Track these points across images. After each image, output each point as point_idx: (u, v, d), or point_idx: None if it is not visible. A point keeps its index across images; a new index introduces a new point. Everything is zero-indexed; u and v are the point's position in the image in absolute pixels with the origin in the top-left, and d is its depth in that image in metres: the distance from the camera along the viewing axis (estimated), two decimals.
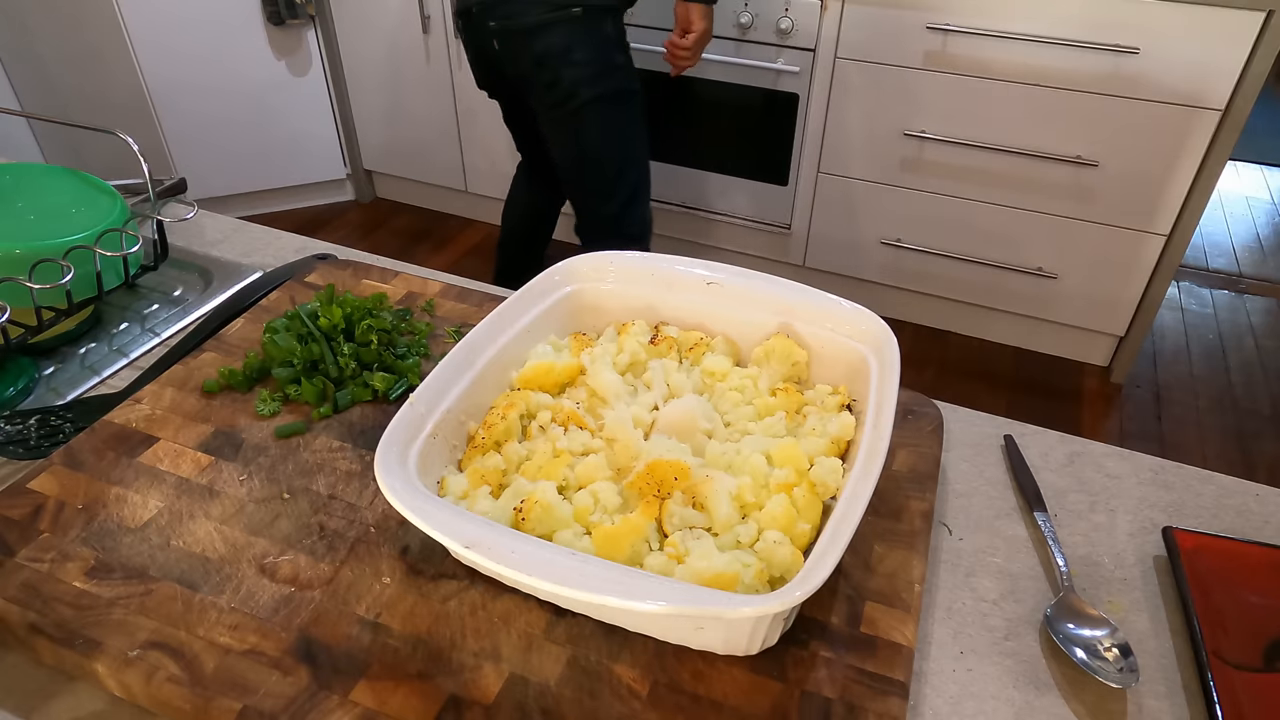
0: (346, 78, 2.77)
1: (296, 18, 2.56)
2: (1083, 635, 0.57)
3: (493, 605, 0.56)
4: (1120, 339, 2.33)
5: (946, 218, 2.20)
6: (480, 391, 0.64)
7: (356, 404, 0.72)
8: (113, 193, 0.85)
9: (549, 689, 0.51)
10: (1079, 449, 0.74)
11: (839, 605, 0.56)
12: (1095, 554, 0.65)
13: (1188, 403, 2.31)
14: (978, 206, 2.15)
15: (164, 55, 2.47)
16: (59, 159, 2.62)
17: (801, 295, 0.69)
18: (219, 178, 2.72)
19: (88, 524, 0.60)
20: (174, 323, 0.86)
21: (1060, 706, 0.55)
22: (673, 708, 0.51)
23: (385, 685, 0.51)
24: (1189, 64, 1.86)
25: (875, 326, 0.65)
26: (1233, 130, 1.91)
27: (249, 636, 0.53)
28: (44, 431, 0.70)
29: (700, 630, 0.52)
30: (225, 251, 0.97)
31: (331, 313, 0.75)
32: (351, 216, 3.00)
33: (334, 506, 0.62)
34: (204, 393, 0.72)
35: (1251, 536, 0.66)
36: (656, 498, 0.56)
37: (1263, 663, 0.57)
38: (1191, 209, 2.04)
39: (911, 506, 0.64)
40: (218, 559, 0.58)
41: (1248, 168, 3.54)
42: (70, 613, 0.54)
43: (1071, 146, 2.03)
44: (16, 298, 0.71)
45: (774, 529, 0.55)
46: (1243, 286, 2.81)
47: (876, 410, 0.58)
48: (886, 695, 0.51)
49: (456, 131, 2.72)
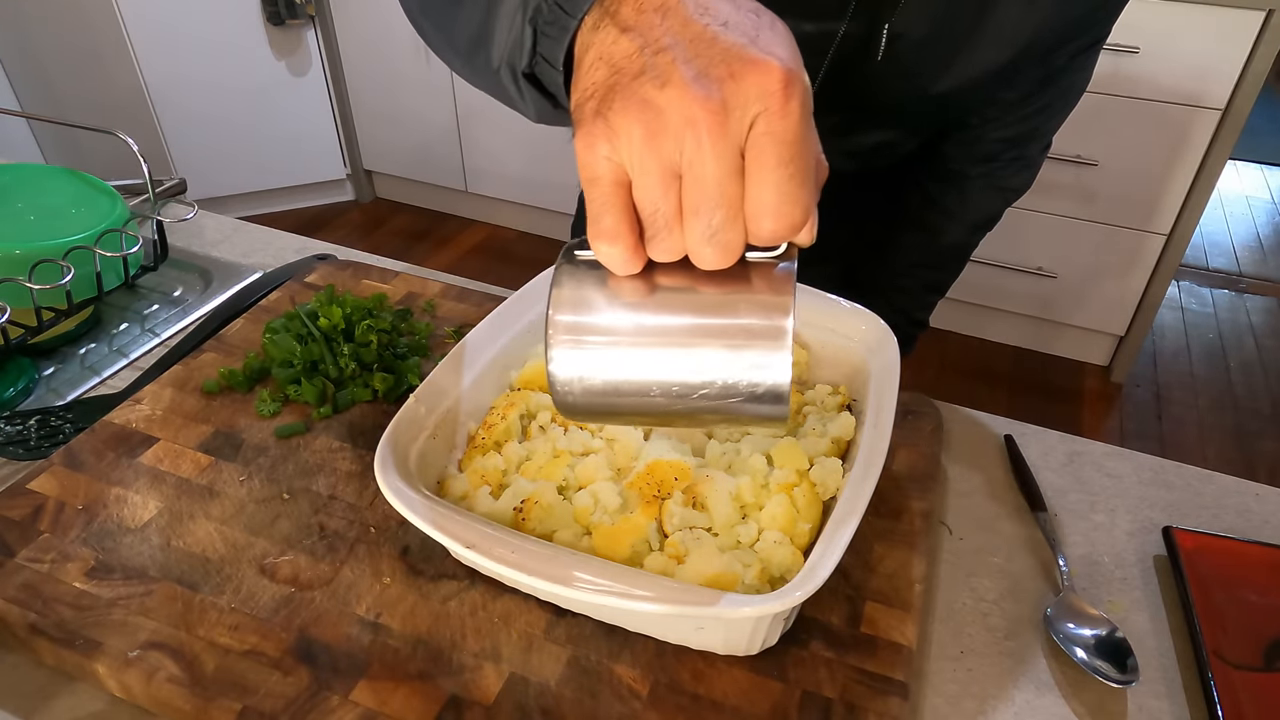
0: (346, 78, 2.77)
1: (296, 18, 2.56)
2: (1083, 635, 0.57)
3: (493, 605, 0.56)
4: (1120, 339, 2.33)
5: None
6: (480, 391, 0.64)
7: (356, 404, 0.72)
8: (113, 193, 0.85)
9: (549, 689, 0.51)
10: (1079, 449, 0.74)
11: (839, 605, 0.56)
12: (1095, 554, 0.65)
13: (1188, 402, 2.31)
14: None
15: (164, 55, 2.47)
16: (59, 159, 2.62)
17: (801, 295, 0.69)
18: (219, 178, 2.72)
19: (88, 524, 0.60)
20: (174, 323, 0.85)
21: (1060, 706, 0.55)
22: (673, 708, 0.51)
23: (385, 685, 0.51)
24: (1189, 64, 1.86)
25: (875, 326, 0.65)
26: (1233, 130, 1.91)
27: (249, 637, 0.53)
28: (44, 432, 0.70)
29: (700, 630, 0.52)
30: (225, 252, 0.97)
31: (331, 313, 0.75)
32: (351, 216, 3.00)
33: (334, 506, 0.62)
34: (204, 393, 0.72)
35: (1251, 536, 0.66)
36: (656, 498, 0.56)
37: (1263, 663, 0.57)
38: (1191, 208, 2.04)
39: (911, 506, 0.64)
40: (218, 559, 0.58)
41: (1248, 167, 3.55)
42: (70, 613, 0.54)
43: (1071, 146, 2.03)
44: (16, 298, 0.71)
45: (774, 529, 0.55)
46: (1243, 286, 2.81)
47: (876, 410, 0.58)
48: (886, 695, 0.51)
49: (456, 131, 2.72)
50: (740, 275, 0.38)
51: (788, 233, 0.36)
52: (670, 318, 0.38)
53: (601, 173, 0.35)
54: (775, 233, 0.35)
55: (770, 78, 0.33)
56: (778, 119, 0.34)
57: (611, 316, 0.39)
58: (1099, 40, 0.80)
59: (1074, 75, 0.82)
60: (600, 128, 0.35)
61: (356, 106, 2.83)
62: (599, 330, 0.39)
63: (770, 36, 0.35)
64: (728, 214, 0.35)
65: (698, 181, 0.34)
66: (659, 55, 0.34)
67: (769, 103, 0.33)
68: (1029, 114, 0.84)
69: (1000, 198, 0.94)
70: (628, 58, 0.35)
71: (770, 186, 0.34)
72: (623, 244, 0.36)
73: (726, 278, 0.38)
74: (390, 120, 2.81)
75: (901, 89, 0.77)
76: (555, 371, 0.40)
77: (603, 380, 0.40)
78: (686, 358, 0.38)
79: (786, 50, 0.35)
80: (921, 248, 0.98)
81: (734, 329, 0.38)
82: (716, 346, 0.38)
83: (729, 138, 0.34)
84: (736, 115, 0.34)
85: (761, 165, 0.34)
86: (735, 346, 0.38)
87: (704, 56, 0.34)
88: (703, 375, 0.38)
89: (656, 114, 0.34)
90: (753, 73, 0.33)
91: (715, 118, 0.33)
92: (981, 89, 0.79)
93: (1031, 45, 0.74)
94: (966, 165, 0.89)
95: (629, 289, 0.39)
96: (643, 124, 0.34)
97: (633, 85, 0.34)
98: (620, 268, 0.38)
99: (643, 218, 0.36)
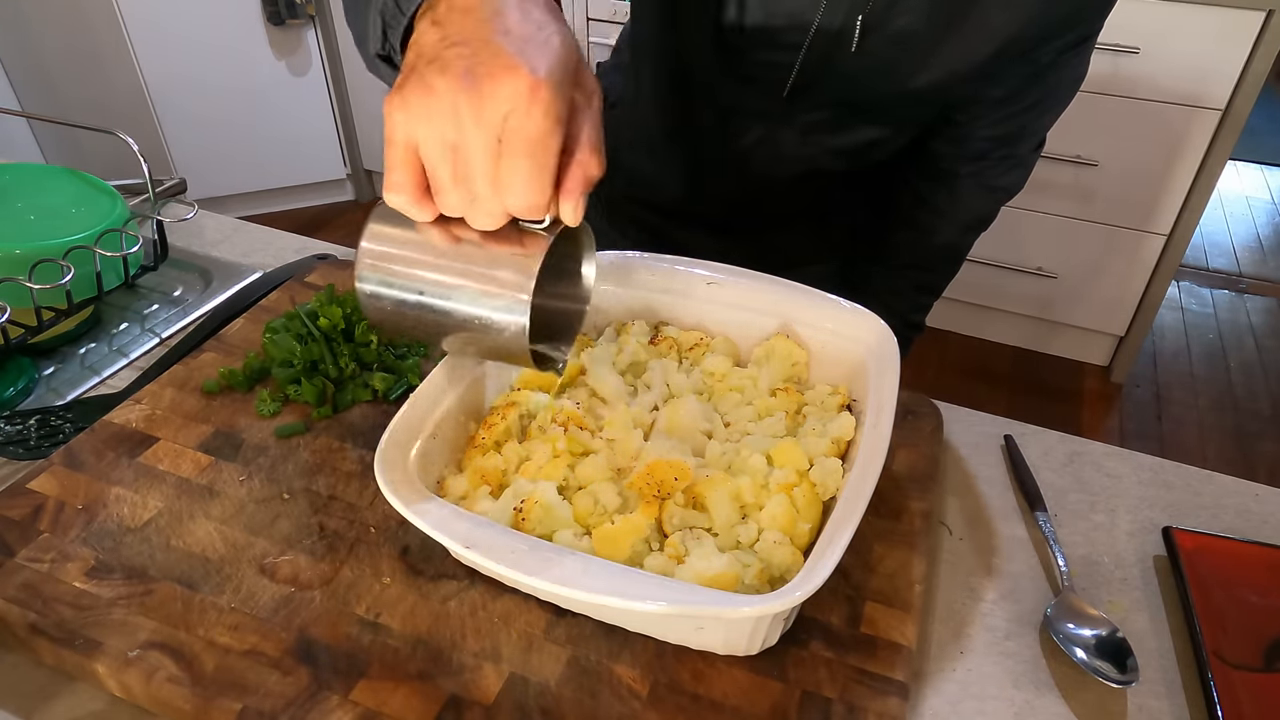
0: (346, 78, 2.77)
1: (296, 18, 2.56)
2: (1083, 635, 0.57)
3: (493, 605, 0.56)
4: (1120, 339, 2.33)
5: None
6: (480, 391, 0.64)
7: (356, 404, 0.72)
8: (113, 193, 0.85)
9: (549, 689, 0.51)
10: (1079, 449, 0.74)
11: (839, 605, 0.56)
12: (1095, 554, 0.65)
13: (1188, 403, 2.31)
14: None
15: (164, 55, 2.47)
16: (59, 159, 2.62)
17: (801, 295, 0.69)
18: (219, 178, 2.72)
19: (88, 524, 0.60)
20: (174, 323, 0.85)
21: (1060, 706, 0.55)
22: (673, 708, 0.51)
23: (385, 685, 0.51)
24: (1189, 64, 1.86)
25: (875, 326, 0.65)
26: (1233, 130, 1.91)
27: (249, 636, 0.53)
28: (44, 431, 0.70)
29: (700, 630, 0.52)
30: (225, 251, 0.97)
31: (331, 313, 0.75)
32: (351, 216, 3.00)
33: (334, 506, 0.62)
34: (204, 393, 0.72)
35: (1251, 536, 0.66)
36: (656, 498, 0.56)
37: (1263, 663, 0.57)
38: (1191, 209, 2.04)
39: (911, 506, 0.64)
40: (218, 559, 0.58)
41: (1248, 168, 3.55)
42: (70, 613, 0.54)
43: (1071, 146, 2.03)
44: (16, 298, 0.71)
45: (774, 529, 0.55)
46: (1243, 286, 2.81)
47: (876, 410, 0.58)
48: (886, 695, 0.51)
49: None
50: (512, 237, 0.47)
51: (531, 210, 0.44)
52: (449, 261, 0.48)
53: (396, 137, 0.43)
54: (519, 208, 0.44)
55: (520, 83, 0.41)
56: (523, 117, 0.41)
57: (405, 251, 0.49)
58: (1088, 37, 0.80)
59: (1061, 72, 0.82)
60: (397, 100, 0.42)
61: (356, 106, 2.83)
62: (394, 259, 0.49)
63: (536, 48, 0.42)
64: (486, 186, 0.43)
65: (462, 155, 0.42)
66: (450, 49, 0.42)
67: (517, 103, 0.41)
68: (1016, 112, 0.84)
69: (991, 197, 0.93)
70: (430, 46, 0.43)
71: (513, 171, 0.42)
72: (406, 195, 0.45)
73: (499, 237, 0.47)
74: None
75: (880, 84, 0.78)
76: (357, 284, 0.50)
77: (394, 299, 0.50)
78: (455, 292, 0.48)
79: (546, 62, 0.42)
80: (913, 248, 0.98)
81: (492, 278, 0.47)
82: (477, 288, 0.48)
83: (484, 125, 0.41)
84: (490, 108, 0.41)
85: (510, 153, 0.42)
86: (489, 292, 0.48)
87: (478, 56, 0.41)
88: (465, 309, 0.49)
89: (435, 96, 0.41)
90: (508, 76, 0.41)
91: (474, 108, 0.41)
92: (964, 84, 0.79)
93: (1013, 41, 0.74)
94: (956, 164, 0.89)
95: (425, 233, 0.48)
96: (424, 103, 0.41)
97: (425, 69, 0.42)
98: (411, 215, 0.46)
99: (428, 177, 0.44)
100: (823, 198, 0.94)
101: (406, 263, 0.49)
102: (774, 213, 0.96)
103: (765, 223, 0.97)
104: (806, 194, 0.92)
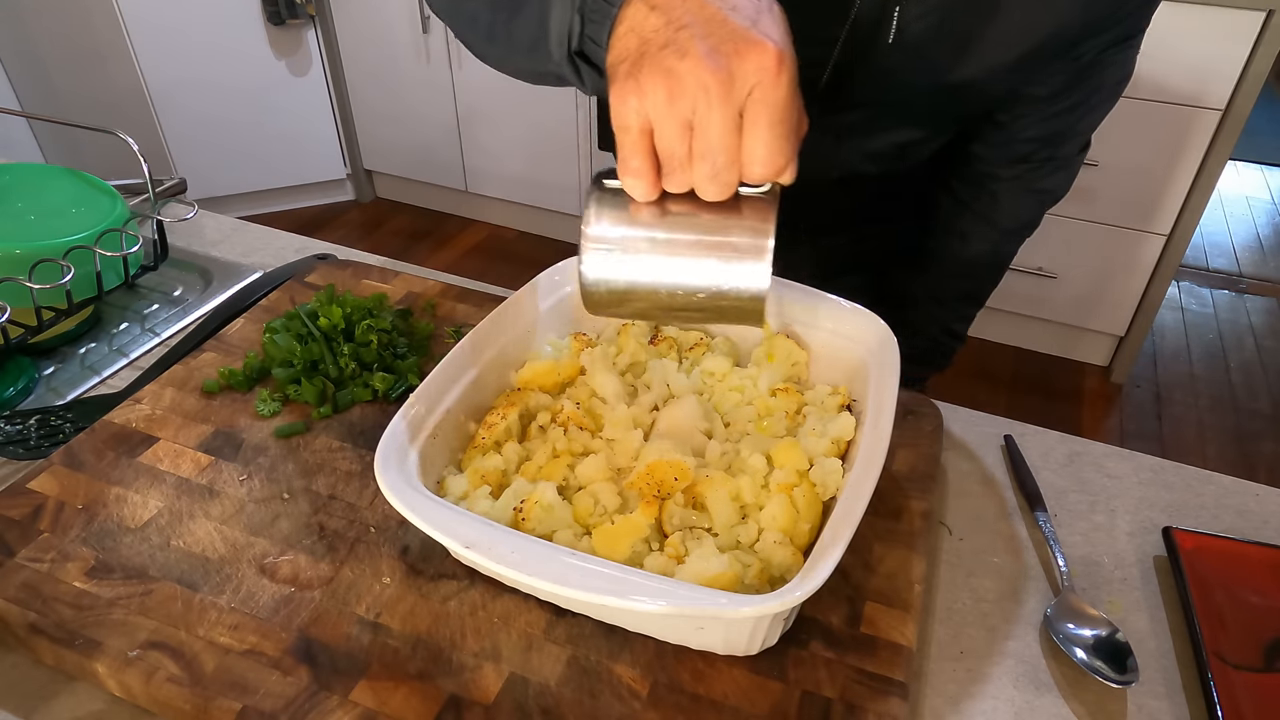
0: (346, 78, 2.77)
1: (296, 18, 2.56)
2: (1082, 635, 0.57)
3: (493, 605, 0.56)
4: (1120, 339, 2.33)
5: None
6: (480, 391, 0.64)
7: (356, 404, 0.72)
8: (113, 193, 0.85)
9: (549, 689, 0.51)
10: (1079, 449, 0.74)
11: (839, 605, 0.56)
12: (1095, 554, 0.65)
13: (1188, 403, 2.31)
14: None
15: (164, 55, 2.47)
16: (59, 159, 2.62)
17: (801, 295, 0.69)
18: (219, 178, 2.72)
19: (88, 524, 0.60)
20: (174, 323, 0.86)
21: (1060, 706, 0.55)
22: (673, 708, 0.51)
23: (385, 685, 0.51)
24: (1189, 64, 1.86)
25: (875, 326, 0.65)
26: (1233, 130, 1.91)
27: (249, 636, 0.53)
28: (44, 431, 0.70)
29: (700, 630, 0.52)
30: (225, 251, 0.97)
31: (331, 313, 0.75)
32: (351, 216, 3.00)
33: (334, 506, 0.62)
34: (204, 393, 0.72)
35: (1251, 536, 0.66)
36: (656, 498, 0.56)
37: (1263, 663, 0.57)
38: (1191, 209, 2.04)
39: (911, 506, 0.64)
40: (218, 559, 0.58)
41: (1248, 168, 3.55)
42: (70, 613, 0.54)
43: None
44: (16, 298, 0.71)
45: (774, 529, 0.55)
46: (1243, 286, 2.81)
47: (876, 410, 0.58)
48: (886, 695, 0.51)
49: (456, 131, 2.72)
50: (734, 206, 0.48)
51: (774, 175, 0.45)
52: (678, 234, 0.49)
53: (631, 122, 0.44)
54: (764, 175, 0.45)
55: (767, 56, 0.42)
56: (771, 89, 0.42)
57: (632, 232, 0.49)
58: (1132, 36, 0.78)
59: (1105, 71, 0.80)
60: (631, 86, 0.43)
61: (356, 106, 2.83)
62: (621, 242, 0.49)
63: (768, 20, 0.44)
64: (727, 159, 0.44)
65: (705, 133, 0.43)
66: (680, 31, 0.43)
67: (764, 76, 0.42)
68: (1059, 111, 0.83)
69: (1036, 200, 0.92)
70: (655, 31, 0.43)
71: (762, 141, 0.44)
72: (646, 179, 0.46)
73: (723, 208, 0.48)
74: (390, 120, 2.81)
75: (917, 78, 0.76)
76: (585, 272, 0.50)
77: (625, 281, 0.50)
78: (689, 265, 0.49)
79: (780, 33, 0.43)
80: (954, 256, 0.96)
81: (726, 245, 0.48)
82: (713, 258, 0.48)
83: (732, 101, 0.42)
84: (739, 84, 0.42)
85: (756, 124, 0.43)
86: (727, 258, 0.48)
87: (715, 35, 0.42)
88: (701, 280, 0.49)
89: (677, 80, 0.42)
90: (753, 51, 0.42)
91: (723, 86, 0.42)
92: (1002, 81, 0.77)
93: (1052, 36, 0.72)
94: (997, 167, 0.88)
95: (647, 212, 0.49)
96: (665, 87, 0.42)
97: (659, 55, 0.43)
98: (642, 197, 0.47)
99: (661, 159, 0.45)
100: (858, 206, 0.93)
101: (638, 244, 0.49)
102: (806, 223, 0.94)
103: (797, 233, 0.96)
104: (841, 202, 0.90)
